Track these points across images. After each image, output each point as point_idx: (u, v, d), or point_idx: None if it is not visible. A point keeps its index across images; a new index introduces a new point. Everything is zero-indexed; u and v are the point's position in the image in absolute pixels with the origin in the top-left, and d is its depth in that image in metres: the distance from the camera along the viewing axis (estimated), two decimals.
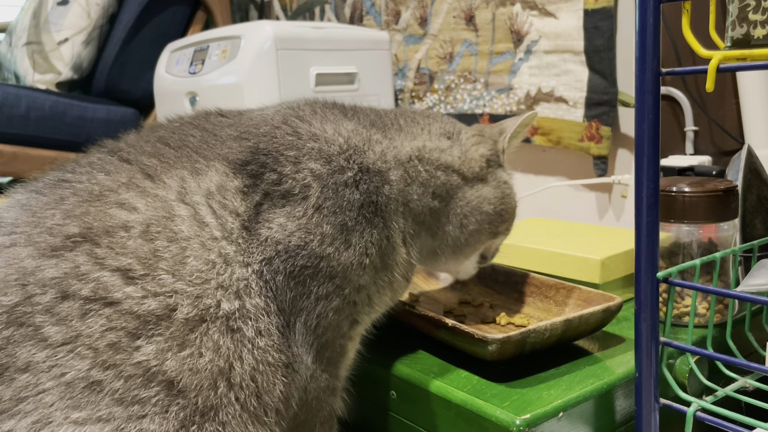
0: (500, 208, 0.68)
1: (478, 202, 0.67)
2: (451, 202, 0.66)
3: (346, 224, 0.57)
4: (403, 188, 0.62)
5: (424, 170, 0.64)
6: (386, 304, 0.63)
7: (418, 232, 0.65)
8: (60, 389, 0.44)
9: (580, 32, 1.18)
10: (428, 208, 0.65)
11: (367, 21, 1.64)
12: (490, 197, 0.67)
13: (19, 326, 0.45)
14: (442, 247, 0.67)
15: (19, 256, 0.47)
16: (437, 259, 0.69)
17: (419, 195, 0.64)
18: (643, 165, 0.52)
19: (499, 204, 0.68)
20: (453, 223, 0.66)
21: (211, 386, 0.49)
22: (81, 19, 1.79)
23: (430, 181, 0.64)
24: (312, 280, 0.55)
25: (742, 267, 0.78)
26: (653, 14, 0.49)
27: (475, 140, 0.68)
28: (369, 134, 0.62)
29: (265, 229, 0.54)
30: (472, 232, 0.67)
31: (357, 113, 0.65)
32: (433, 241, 0.67)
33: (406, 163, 0.63)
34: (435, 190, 0.65)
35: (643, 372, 0.55)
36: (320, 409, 0.58)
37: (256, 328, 0.52)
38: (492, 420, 0.56)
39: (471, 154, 0.67)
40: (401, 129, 0.66)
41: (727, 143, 1.05)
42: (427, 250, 0.67)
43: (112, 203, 0.50)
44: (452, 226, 0.66)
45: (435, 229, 0.66)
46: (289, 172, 0.56)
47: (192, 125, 0.59)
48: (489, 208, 0.67)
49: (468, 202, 0.66)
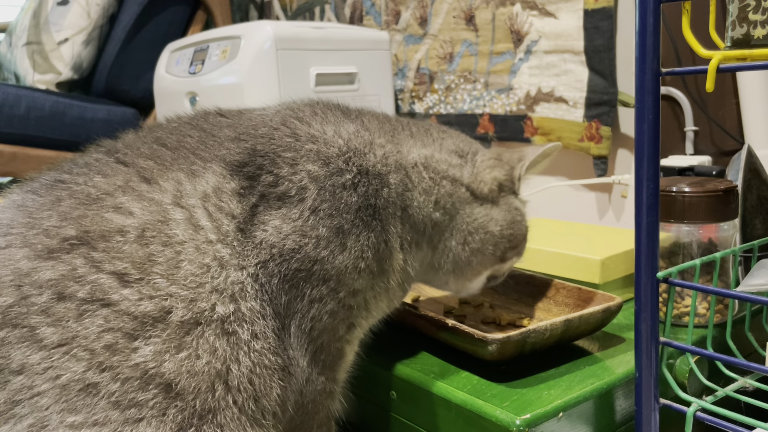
0: (508, 232, 0.66)
1: (485, 221, 0.65)
2: (456, 217, 0.65)
3: (343, 227, 0.56)
4: (402, 192, 0.61)
5: (428, 177, 0.63)
6: (383, 311, 0.63)
7: (417, 242, 0.64)
8: (55, 392, 0.44)
9: (580, 32, 1.18)
10: (430, 218, 0.63)
11: (367, 21, 1.64)
12: (498, 219, 0.66)
13: (14, 327, 0.44)
14: (442, 262, 0.66)
15: (15, 257, 0.47)
16: (436, 274, 0.67)
17: (420, 203, 0.62)
18: (643, 165, 0.52)
19: (507, 228, 0.66)
20: (456, 238, 0.65)
21: (209, 389, 0.48)
22: (81, 19, 1.79)
23: (434, 189, 0.63)
24: (306, 283, 0.55)
25: (742, 267, 0.78)
26: (653, 14, 0.49)
27: (490, 163, 0.67)
28: (372, 137, 0.61)
29: (260, 232, 0.54)
30: (474, 251, 0.65)
31: (362, 116, 0.64)
32: (434, 255, 0.65)
33: (409, 168, 0.62)
34: (438, 199, 0.63)
35: (643, 372, 0.55)
36: (317, 412, 0.58)
37: (252, 331, 0.52)
38: (492, 420, 0.56)
39: (483, 176, 0.66)
40: (412, 136, 0.65)
41: (727, 143, 1.05)
42: (427, 263, 0.66)
43: (109, 207, 0.50)
44: (455, 242, 0.65)
45: (436, 243, 0.65)
46: (285, 174, 0.55)
47: (190, 125, 0.59)
48: (495, 230, 0.66)
49: (474, 219, 0.65)
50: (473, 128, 1.40)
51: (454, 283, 0.68)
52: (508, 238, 0.67)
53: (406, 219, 0.62)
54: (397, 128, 0.65)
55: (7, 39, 1.95)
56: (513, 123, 1.32)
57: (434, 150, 0.65)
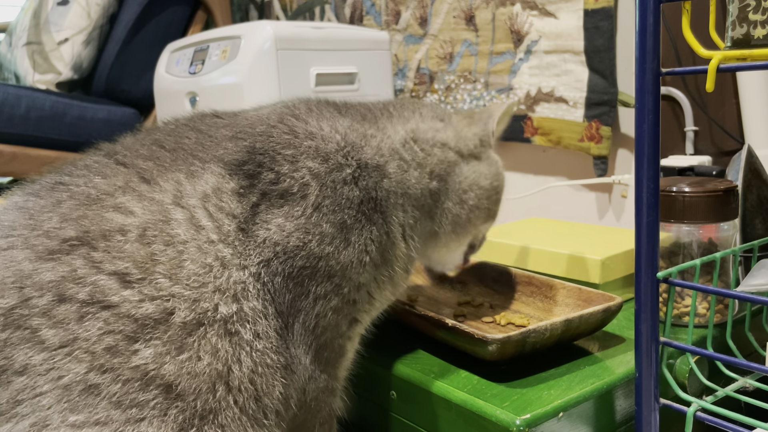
0: (495, 183, 0.71)
1: (476, 177, 0.69)
2: (449, 180, 0.67)
3: (346, 222, 0.56)
4: (401, 178, 0.62)
5: (420, 150, 0.65)
6: (387, 299, 0.63)
7: (417, 218, 0.65)
8: (57, 392, 0.44)
9: (580, 32, 1.18)
10: (428, 189, 0.65)
11: (367, 21, 1.64)
12: (486, 173, 0.70)
13: (16, 329, 0.45)
14: (442, 226, 0.68)
15: (16, 259, 0.47)
16: (437, 240, 0.69)
17: (417, 179, 0.64)
18: (643, 165, 0.52)
19: (494, 180, 0.71)
20: (452, 199, 0.68)
21: (209, 390, 0.48)
22: (81, 19, 1.79)
23: (427, 160, 0.66)
24: (310, 280, 0.55)
25: (742, 267, 0.78)
26: (653, 14, 0.49)
27: (467, 122, 0.72)
28: (364, 129, 0.62)
29: (263, 231, 0.54)
30: (472, 208, 0.69)
31: (349, 109, 0.66)
32: (433, 223, 0.67)
33: (401, 148, 0.64)
34: (432, 169, 0.66)
35: (643, 372, 0.55)
36: (319, 410, 0.58)
37: (254, 331, 0.52)
38: (492, 420, 0.56)
39: (464, 133, 0.70)
40: (392, 116, 0.67)
41: (727, 143, 1.05)
42: (427, 232, 0.67)
43: (109, 207, 0.50)
44: (452, 203, 0.68)
45: (434, 210, 0.67)
46: (286, 170, 0.56)
47: (187, 127, 0.59)
48: (486, 183, 0.70)
49: (466, 177, 0.69)
50: None
51: (448, 247, 0.71)
52: (496, 189, 0.71)
53: (407, 203, 0.63)
54: (377, 114, 0.66)
55: (7, 39, 1.95)
56: (513, 123, 1.32)
57: (417, 122, 0.68)
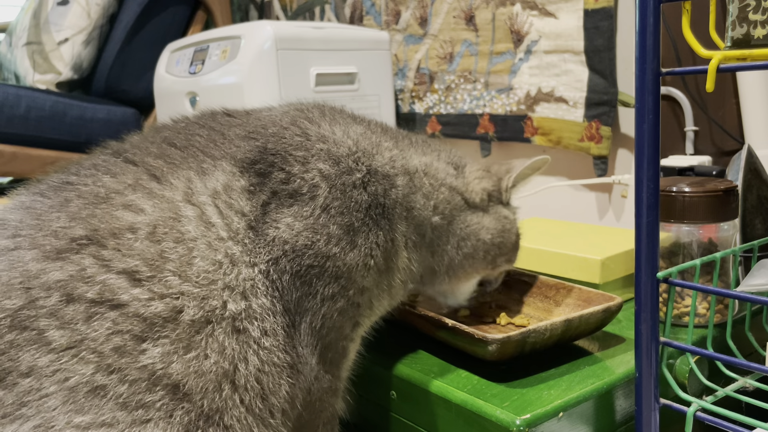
0: (498, 240, 0.70)
1: (477, 228, 0.68)
2: (453, 222, 0.67)
3: (353, 225, 0.57)
4: (407, 194, 0.63)
5: (428, 183, 0.65)
6: (384, 308, 0.63)
7: (419, 244, 0.65)
8: (63, 394, 0.44)
9: (580, 32, 1.18)
10: (430, 222, 0.65)
11: (367, 21, 1.64)
12: (489, 227, 0.69)
13: (23, 330, 0.44)
14: (440, 264, 0.68)
15: (23, 259, 0.46)
16: (435, 277, 0.69)
17: (422, 205, 0.64)
18: (643, 165, 0.52)
19: (497, 236, 0.69)
20: (451, 243, 0.68)
21: (215, 389, 0.48)
22: (81, 19, 1.79)
23: (433, 194, 0.66)
24: (318, 279, 0.55)
25: (742, 267, 0.78)
26: (653, 14, 0.49)
27: (479, 174, 0.70)
28: (378, 139, 0.63)
29: (273, 229, 0.54)
30: (466, 256, 0.68)
31: (366, 120, 0.67)
32: (433, 258, 0.67)
33: (412, 173, 0.64)
34: (437, 204, 0.66)
35: (643, 372, 0.55)
36: (323, 410, 0.58)
37: (262, 329, 0.52)
38: (492, 420, 0.56)
39: (473, 186, 0.69)
40: (412, 144, 0.67)
41: (727, 143, 1.05)
42: (426, 265, 0.67)
43: (119, 205, 0.50)
44: (450, 246, 0.68)
45: (435, 247, 0.67)
46: (297, 171, 0.56)
47: (198, 125, 0.59)
48: (486, 237, 0.69)
49: (468, 225, 0.68)
50: (473, 128, 1.40)
51: (448, 284, 0.70)
52: (498, 245, 0.70)
53: (411, 220, 0.63)
54: (398, 137, 0.67)
55: (7, 39, 1.95)
56: (513, 123, 1.32)
57: (433, 159, 0.68)
